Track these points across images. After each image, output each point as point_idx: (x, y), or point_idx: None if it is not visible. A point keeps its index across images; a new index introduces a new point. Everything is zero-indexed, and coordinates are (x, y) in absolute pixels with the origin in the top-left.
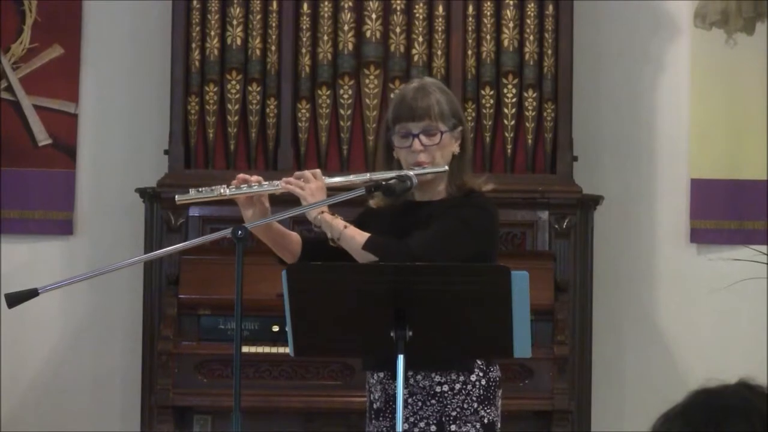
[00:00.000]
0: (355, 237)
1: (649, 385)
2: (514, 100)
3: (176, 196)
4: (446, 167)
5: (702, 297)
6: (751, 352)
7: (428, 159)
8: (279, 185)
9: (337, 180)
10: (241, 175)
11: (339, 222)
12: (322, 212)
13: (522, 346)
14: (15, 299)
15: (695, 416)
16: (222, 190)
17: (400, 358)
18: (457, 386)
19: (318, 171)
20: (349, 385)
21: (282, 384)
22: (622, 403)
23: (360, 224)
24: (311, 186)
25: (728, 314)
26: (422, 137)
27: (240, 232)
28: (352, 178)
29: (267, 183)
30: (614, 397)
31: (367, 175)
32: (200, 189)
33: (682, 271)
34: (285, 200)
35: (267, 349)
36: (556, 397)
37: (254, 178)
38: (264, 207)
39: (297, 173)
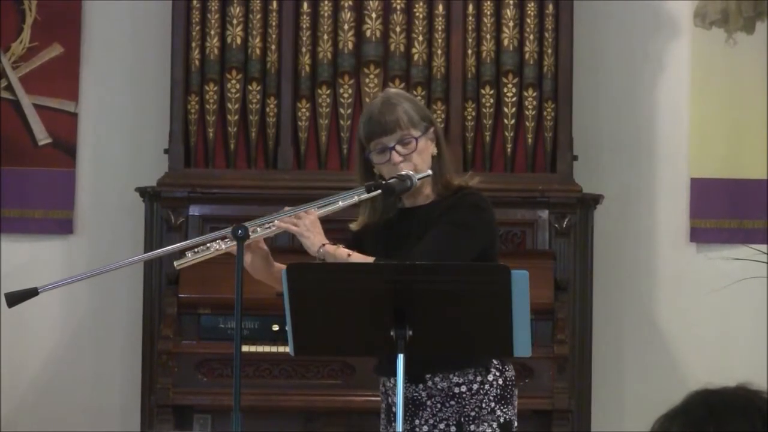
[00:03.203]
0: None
1: (648, 384)
2: (514, 99)
3: (174, 262)
4: (430, 171)
5: (702, 296)
6: (751, 351)
7: (410, 167)
8: (273, 227)
9: (327, 210)
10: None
11: (342, 251)
12: (324, 245)
13: (522, 345)
14: (15, 298)
15: (695, 415)
16: (217, 245)
17: (400, 358)
18: (475, 386)
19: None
20: (349, 384)
21: (282, 383)
22: (621, 403)
23: (356, 245)
24: (305, 222)
25: (728, 314)
26: (398, 148)
27: (240, 231)
28: (340, 203)
29: (260, 227)
30: (614, 397)
31: (355, 198)
32: (196, 249)
33: (682, 271)
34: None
35: (267, 349)
36: (556, 396)
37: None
38: (263, 250)
39: (287, 210)
